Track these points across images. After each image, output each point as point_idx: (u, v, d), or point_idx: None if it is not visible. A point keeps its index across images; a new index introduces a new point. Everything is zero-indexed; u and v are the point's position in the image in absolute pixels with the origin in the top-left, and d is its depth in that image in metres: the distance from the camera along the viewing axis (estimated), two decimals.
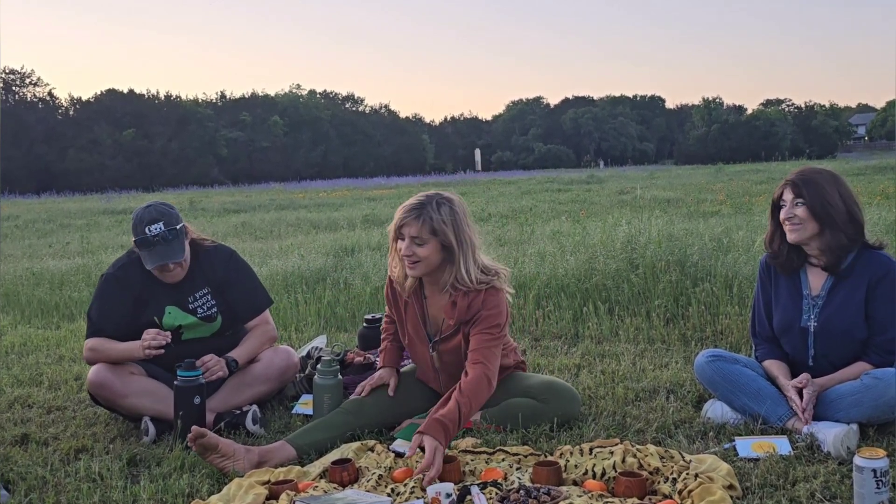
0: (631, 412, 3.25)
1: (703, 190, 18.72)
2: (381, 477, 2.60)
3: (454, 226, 2.91)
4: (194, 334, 3.50)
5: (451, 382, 3.02)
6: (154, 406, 3.29)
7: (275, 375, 3.53)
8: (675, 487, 2.38)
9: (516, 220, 12.33)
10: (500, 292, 3.01)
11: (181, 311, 3.46)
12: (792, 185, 3.01)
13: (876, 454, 2.22)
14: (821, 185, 2.97)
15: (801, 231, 3.00)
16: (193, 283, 3.49)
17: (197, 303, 3.49)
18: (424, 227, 2.88)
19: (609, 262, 5.54)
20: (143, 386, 3.32)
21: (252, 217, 17.29)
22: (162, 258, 3.32)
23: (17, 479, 2.79)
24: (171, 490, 2.61)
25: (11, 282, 8.06)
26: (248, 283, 3.62)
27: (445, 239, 2.89)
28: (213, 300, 3.52)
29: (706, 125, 72.78)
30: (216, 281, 3.53)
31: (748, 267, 5.24)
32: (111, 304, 3.42)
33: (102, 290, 3.45)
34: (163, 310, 3.45)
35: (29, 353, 5.10)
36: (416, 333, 3.16)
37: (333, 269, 6.92)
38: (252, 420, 3.25)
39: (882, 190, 13.80)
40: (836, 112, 77.64)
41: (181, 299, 3.47)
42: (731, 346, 4.23)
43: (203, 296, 3.50)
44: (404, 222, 2.91)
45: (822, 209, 2.95)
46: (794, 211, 2.99)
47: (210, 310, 3.50)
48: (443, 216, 2.90)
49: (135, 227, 3.36)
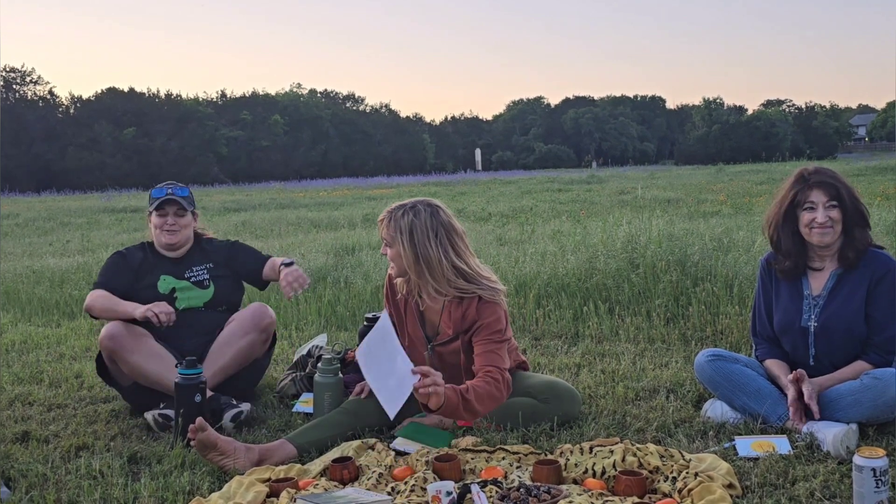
0: (631, 411, 3.25)
1: (703, 190, 18.72)
2: (382, 475, 2.60)
3: (411, 237, 2.91)
4: (188, 302, 3.68)
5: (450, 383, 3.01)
6: (158, 370, 3.38)
7: (249, 325, 3.61)
8: (675, 486, 2.39)
9: (517, 219, 12.33)
10: (493, 302, 3.00)
11: (174, 278, 3.71)
12: (824, 187, 2.93)
13: (875, 453, 2.22)
14: (848, 185, 2.96)
15: (831, 234, 2.96)
16: (192, 259, 3.80)
17: (192, 273, 3.75)
18: (389, 230, 2.97)
19: (609, 261, 5.54)
20: (151, 348, 3.44)
21: (252, 216, 17.28)
22: (175, 202, 3.70)
23: (17, 476, 2.79)
24: (171, 487, 2.61)
25: (12, 280, 8.06)
26: (252, 251, 3.95)
27: (401, 248, 2.93)
28: (208, 274, 3.78)
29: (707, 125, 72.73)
30: (219, 258, 3.82)
31: (748, 267, 5.24)
32: (115, 269, 3.73)
33: (108, 262, 3.79)
34: (158, 277, 3.69)
35: (29, 351, 5.11)
36: (414, 334, 3.17)
37: (334, 268, 6.92)
38: (230, 418, 3.26)
39: (882, 191, 13.80)
40: (836, 113, 77.62)
41: (178, 271, 3.74)
42: (732, 346, 4.23)
43: (200, 270, 3.77)
44: (380, 221, 3.02)
45: (855, 209, 2.93)
46: (830, 213, 2.94)
47: (202, 277, 3.75)
48: (401, 225, 2.93)
49: (151, 192, 3.79)
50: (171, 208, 3.72)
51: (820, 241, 2.98)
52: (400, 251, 2.95)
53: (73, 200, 30.32)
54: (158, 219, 3.72)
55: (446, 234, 2.95)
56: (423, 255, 2.93)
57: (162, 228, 3.72)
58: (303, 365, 3.82)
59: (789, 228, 3.05)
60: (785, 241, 3.07)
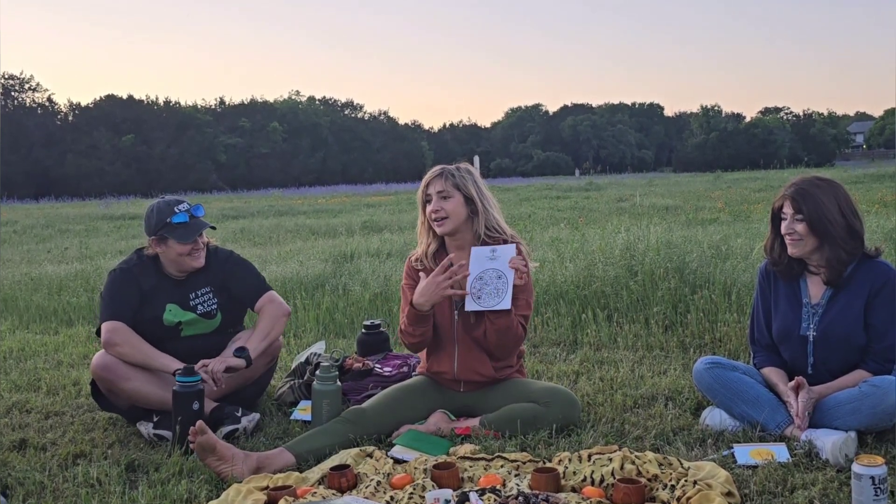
0: (629, 419, 3.25)
1: (701, 197, 18.75)
2: (380, 483, 2.60)
3: (473, 182, 3.25)
4: (194, 331, 3.54)
5: (467, 359, 3.20)
6: (156, 391, 3.30)
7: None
8: (674, 494, 2.38)
9: (515, 226, 12.23)
10: (520, 246, 3.24)
11: (181, 308, 3.53)
12: (791, 200, 2.99)
13: (874, 461, 2.22)
14: (820, 200, 2.95)
15: (801, 246, 3.00)
16: (196, 281, 3.57)
17: (198, 300, 3.56)
18: (448, 182, 3.20)
19: (608, 269, 5.54)
20: (146, 372, 3.34)
21: (251, 223, 17.29)
22: (200, 227, 3.47)
23: (15, 484, 2.78)
24: (169, 496, 2.60)
25: (10, 287, 8.05)
26: (249, 271, 3.68)
27: (467, 192, 3.21)
28: (214, 298, 3.58)
29: (705, 133, 72.92)
30: (217, 279, 3.60)
31: (747, 274, 5.24)
32: (123, 292, 3.47)
33: (113, 281, 3.50)
34: (163, 306, 3.51)
35: (27, 359, 5.10)
36: (440, 307, 3.21)
37: (332, 276, 6.92)
38: (224, 435, 3.19)
39: (880, 198, 13.82)
40: (834, 120, 77.82)
41: (183, 297, 3.54)
42: (730, 354, 4.23)
43: (204, 294, 3.57)
44: (430, 181, 3.24)
45: (820, 225, 2.94)
46: (794, 227, 2.98)
47: (210, 307, 3.57)
48: (462, 173, 3.25)
49: (162, 212, 3.45)
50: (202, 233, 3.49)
51: (791, 251, 3.03)
52: (462, 198, 3.21)
53: (72, 207, 30.30)
54: (186, 246, 3.43)
55: (486, 188, 3.32)
56: (482, 199, 3.24)
57: (192, 255, 3.46)
58: (301, 372, 3.81)
59: (776, 235, 3.11)
60: (775, 247, 3.12)
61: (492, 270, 3.13)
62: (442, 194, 3.20)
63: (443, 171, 3.24)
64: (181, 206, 3.48)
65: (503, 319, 3.11)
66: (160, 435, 3.23)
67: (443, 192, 3.20)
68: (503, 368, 3.27)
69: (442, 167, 3.28)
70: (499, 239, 3.24)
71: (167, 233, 3.42)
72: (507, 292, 3.09)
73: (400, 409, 3.19)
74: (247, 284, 3.63)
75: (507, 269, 3.10)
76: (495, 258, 3.14)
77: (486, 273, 3.14)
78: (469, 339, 3.22)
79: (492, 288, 3.11)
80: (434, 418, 3.19)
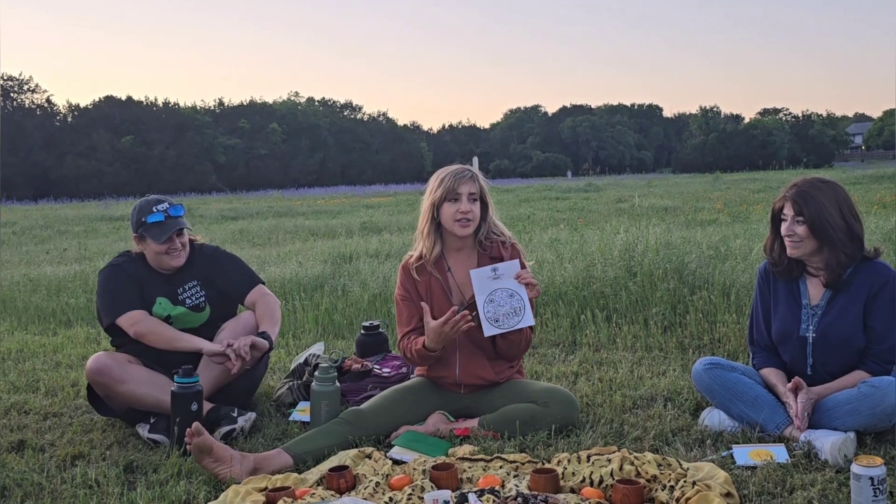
0: (628, 420, 3.25)
1: (700, 198, 18.75)
2: (379, 484, 2.60)
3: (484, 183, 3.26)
4: (183, 325, 3.57)
5: (469, 365, 3.19)
6: (152, 393, 3.30)
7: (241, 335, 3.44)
8: (673, 495, 2.38)
9: (514, 227, 12.32)
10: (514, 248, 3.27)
11: (170, 302, 3.58)
12: (793, 202, 2.99)
13: (873, 462, 2.22)
14: (821, 202, 2.95)
15: (800, 248, 3.00)
16: (183, 276, 3.63)
17: (186, 293, 3.62)
18: (477, 184, 3.18)
19: (607, 269, 5.54)
20: (141, 374, 3.35)
21: (250, 224, 17.29)
22: (173, 227, 3.51)
23: (13, 485, 2.78)
24: (167, 497, 2.60)
25: (9, 288, 8.04)
26: (236, 266, 3.75)
27: (485, 195, 3.22)
28: (202, 291, 3.64)
29: (704, 134, 72.93)
30: (204, 273, 3.66)
31: (746, 275, 5.24)
32: (122, 285, 3.54)
33: (108, 277, 3.57)
34: (153, 300, 3.56)
35: (26, 360, 5.09)
36: (442, 307, 3.16)
37: (331, 277, 6.92)
38: (222, 435, 3.19)
39: (879, 199, 13.83)
40: (833, 121, 77.78)
41: (171, 291, 3.59)
42: (729, 354, 4.23)
43: (192, 287, 3.63)
44: (461, 182, 3.15)
45: (821, 228, 2.94)
46: (795, 229, 2.98)
47: (198, 300, 3.63)
48: (484, 180, 3.25)
49: (141, 211, 3.54)
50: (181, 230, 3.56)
51: (790, 252, 3.03)
52: (487, 201, 3.22)
53: (71, 208, 30.31)
54: (161, 245, 3.49)
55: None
56: (490, 203, 3.25)
57: (169, 254, 3.53)
58: (300, 373, 3.81)
59: (775, 236, 3.11)
60: (774, 248, 3.12)
61: (501, 290, 3.07)
62: (473, 196, 3.16)
63: (471, 173, 3.19)
64: (160, 205, 3.55)
65: (516, 334, 3.10)
66: (154, 440, 3.23)
67: (474, 194, 3.16)
68: (504, 371, 3.27)
69: (463, 167, 3.23)
70: (497, 241, 3.23)
71: (144, 231, 3.52)
72: (524, 309, 3.04)
73: (399, 410, 3.19)
74: (233, 278, 3.70)
75: (518, 286, 3.06)
76: (498, 277, 3.08)
77: (496, 295, 3.07)
78: (471, 345, 3.21)
79: (507, 308, 3.06)
80: (433, 419, 3.19)
